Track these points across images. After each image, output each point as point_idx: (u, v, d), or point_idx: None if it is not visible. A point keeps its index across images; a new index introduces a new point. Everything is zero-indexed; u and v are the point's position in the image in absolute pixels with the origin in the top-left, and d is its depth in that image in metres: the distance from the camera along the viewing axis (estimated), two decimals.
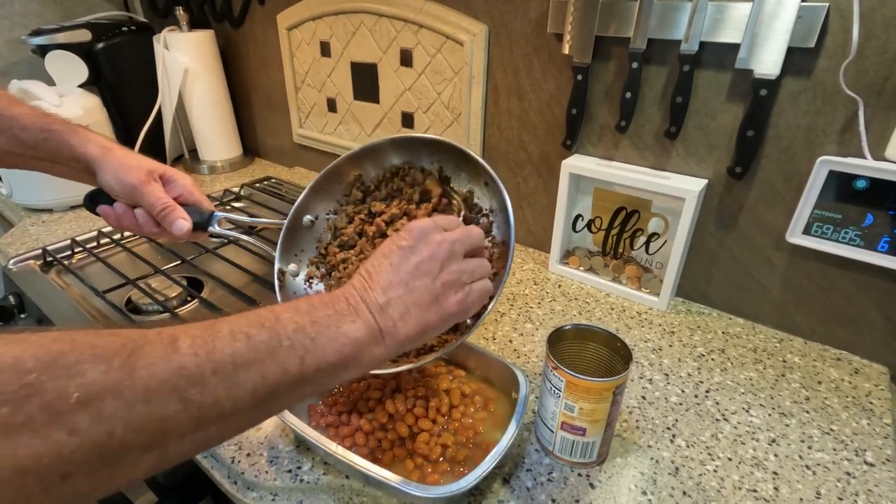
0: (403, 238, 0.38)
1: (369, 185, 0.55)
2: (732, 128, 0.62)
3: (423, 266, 0.37)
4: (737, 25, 0.56)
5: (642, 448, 0.51)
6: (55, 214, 1.00)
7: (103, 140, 0.55)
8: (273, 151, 1.30)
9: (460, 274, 0.38)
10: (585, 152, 0.75)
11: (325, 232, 0.55)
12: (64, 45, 1.06)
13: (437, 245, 0.38)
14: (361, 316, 0.34)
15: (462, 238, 0.39)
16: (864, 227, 0.55)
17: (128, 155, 0.54)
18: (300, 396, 0.32)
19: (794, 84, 0.56)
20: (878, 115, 0.53)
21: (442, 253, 0.38)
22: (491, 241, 0.50)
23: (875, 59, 0.51)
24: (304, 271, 0.54)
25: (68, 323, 0.68)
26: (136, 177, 0.52)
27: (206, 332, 0.28)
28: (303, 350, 0.31)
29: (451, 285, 0.38)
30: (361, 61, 0.95)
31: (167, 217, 0.53)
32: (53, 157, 0.54)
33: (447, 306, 0.37)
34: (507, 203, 0.47)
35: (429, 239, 0.38)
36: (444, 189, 0.52)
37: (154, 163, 0.55)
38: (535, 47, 0.73)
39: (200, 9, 1.20)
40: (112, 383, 0.24)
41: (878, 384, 0.58)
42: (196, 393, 0.26)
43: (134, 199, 0.54)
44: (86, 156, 0.53)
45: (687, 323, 0.69)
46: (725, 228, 0.67)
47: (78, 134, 0.54)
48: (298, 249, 0.54)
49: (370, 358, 0.35)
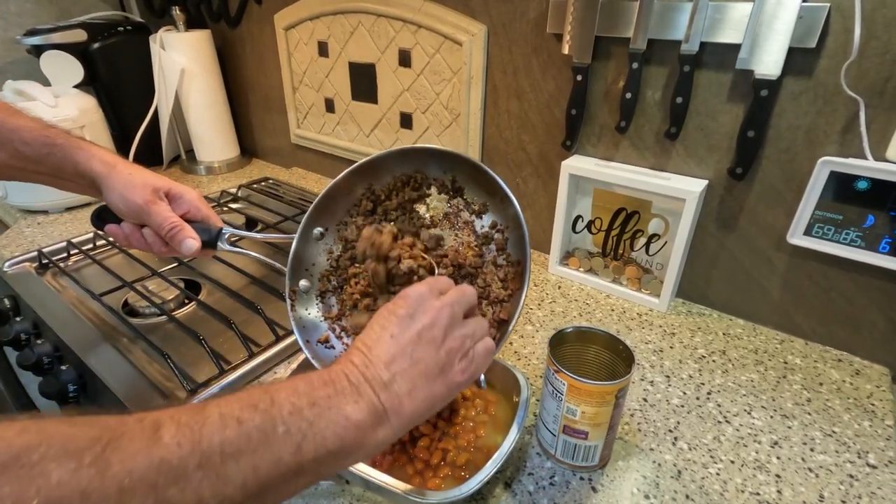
0: (400, 306, 0.36)
1: (379, 194, 0.52)
2: (733, 128, 0.61)
3: (426, 335, 0.35)
4: (737, 26, 0.56)
5: (644, 451, 0.50)
6: (51, 216, 1.00)
7: (107, 155, 0.53)
8: (270, 152, 1.29)
9: (463, 339, 0.36)
10: (585, 153, 0.75)
11: (336, 243, 0.53)
12: (59, 46, 1.06)
13: (438, 311, 0.36)
14: (364, 395, 0.32)
15: (459, 300, 0.37)
16: (865, 227, 0.55)
17: (132, 172, 0.52)
18: (294, 489, 0.29)
19: (795, 84, 0.56)
20: (879, 116, 0.53)
21: (444, 319, 0.35)
22: (506, 260, 0.48)
23: (876, 59, 0.51)
24: (317, 286, 0.52)
25: (64, 325, 0.67)
26: (141, 196, 0.51)
27: (193, 418, 0.26)
28: (300, 436, 0.28)
29: (455, 352, 0.35)
30: (359, 61, 0.95)
31: (175, 237, 0.52)
32: (57, 172, 0.53)
33: (453, 375, 0.35)
34: (521, 219, 0.45)
35: (427, 305, 0.36)
36: (460, 199, 0.50)
37: (159, 179, 0.54)
38: (535, 47, 0.73)
39: (197, 9, 1.19)
40: (80, 485, 0.21)
41: (880, 385, 0.58)
42: (176, 492, 0.24)
43: (141, 218, 0.53)
44: (90, 172, 0.52)
45: (687, 324, 0.69)
46: (726, 229, 0.67)
47: (81, 149, 0.52)
48: (309, 264, 0.52)
49: (374, 442, 0.31)
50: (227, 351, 0.62)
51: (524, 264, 0.44)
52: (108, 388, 0.57)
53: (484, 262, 0.48)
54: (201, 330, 0.62)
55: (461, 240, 0.50)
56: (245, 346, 0.61)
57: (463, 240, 0.50)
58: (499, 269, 0.48)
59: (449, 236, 0.50)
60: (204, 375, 0.58)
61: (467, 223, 0.50)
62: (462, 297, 0.38)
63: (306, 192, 1.10)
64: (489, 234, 0.49)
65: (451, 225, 0.51)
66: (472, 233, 0.50)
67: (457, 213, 0.51)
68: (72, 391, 0.63)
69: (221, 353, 0.62)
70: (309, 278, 0.52)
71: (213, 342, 0.62)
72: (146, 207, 0.51)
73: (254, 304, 0.68)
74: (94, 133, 1.02)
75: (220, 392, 0.56)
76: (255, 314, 0.67)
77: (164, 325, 0.68)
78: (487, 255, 0.49)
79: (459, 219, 0.50)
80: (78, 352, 0.62)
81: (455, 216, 0.51)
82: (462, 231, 0.50)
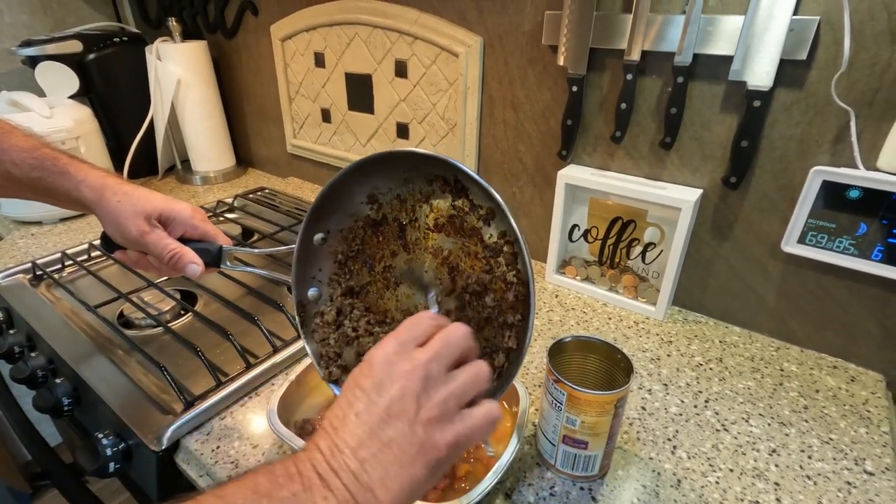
0: (366, 375, 0.31)
1: (377, 195, 0.47)
2: (727, 138, 0.62)
3: (395, 408, 0.29)
4: (729, 38, 0.57)
5: (644, 460, 0.50)
6: (45, 227, 0.99)
7: (94, 178, 0.52)
8: (266, 162, 1.29)
9: (445, 403, 0.30)
10: (581, 162, 0.76)
11: (341, 243, 0.49)
12: (55, 56, 1.06)
13: (407, 376, 0.30)
14: (334, 490, 0.27)
15: (440, 351, 0.31)
16: (857, 236, 0.56)
17: (120, 200, 0.51)
18: None
19: (786, 95, 0.57)
20: (869, 126, 0.54)
21: (414, 385, 0.30)
22: (516, 277, 0.41)
23: (865, 71, 0.52)
24: (326, 291, 0.49)
25: (58, 338, 0.66)
26: (135, 227, 0.50)
27: None
28: None
29: (436, 423, 0.30)
30: (356, 72, 0.95)
31: (177, 264, 0.51)
32: (49, 195, 0.53)
33: (436, 452, 0.29)
34: (518, 236, 0.38)
35: (396, 371, 0.30)
36: (465, 199, 0.44)
37: (148, 201, 0.51)
38: (530, 59, 0.74)
39: (193, 20, 1.20)
40: None
41: (875, 392, 0.59)
42: None
43: (139, 249, 0.53)
44: (81, 200, 0.52)
45: (684, 332, 0.69)
46: (721, 238, 0.67)
47: (69, 176, 0.51)
48: (316, 270, 0.49)
49: None
50: (224, 363, 0.62)
51: (528, 285, 0.39)
52: (103, 401, 0.57)
53: (493, 279, 0.43)
54: (198, 341, 0.62)
55: (468, 249, 0.44)
56: (242, 357, 0.60)
57: (470, 249, 0.44)
58: (509, 287, 0.42)
59: (455, 245, 0.45)
60: (201, 388, 0.57)
61: (475, 230, 0.44)
62: (444, 348, 0.32)
63: (302, 201, 1.10)
64: (498, 244, 0.43)
65: (456, 230, 0.45)
66: (480, 242, 0.43)
67: (462, 217, 0.44)
68: (66, 404, 0.62)
69: (218, 365, 0.61)
70: (317, 285, 0.49)
71: (210, 354, 0.61)
72: (141, 239, 0.51)
73: (251, 315, 0.67)
74: (90, 144, 1.02)
75: (217, 404, 0.56)
76: (252, 325, 0.66)
77: (160, 336, 0.68)
78: (497, 270, 0.43)
79: (466, 223, 0.44)
80: (72, 364, 0.62)
81: (461, 220, 0.44)
82: (469, 240, 0.44)
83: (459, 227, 0.44)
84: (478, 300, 0.43)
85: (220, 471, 0.49)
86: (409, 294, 0.47)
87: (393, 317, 0.48)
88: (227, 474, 0.49)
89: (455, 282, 0.44)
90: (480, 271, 0.43)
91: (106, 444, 0.53)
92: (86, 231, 0.97)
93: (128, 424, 0.53)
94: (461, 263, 0.44)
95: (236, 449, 0.52)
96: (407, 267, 0.47)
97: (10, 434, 1.28)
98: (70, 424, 0.70)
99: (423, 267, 0.46)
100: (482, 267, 0.43)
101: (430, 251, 0.45)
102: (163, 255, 0.51)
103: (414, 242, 0.46)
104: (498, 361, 0.41)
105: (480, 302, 0.43)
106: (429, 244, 0.46)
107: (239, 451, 0.51)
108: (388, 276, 0.48)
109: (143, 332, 0.69)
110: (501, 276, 0.42)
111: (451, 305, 0.44)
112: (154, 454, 0.51)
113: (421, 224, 0.46)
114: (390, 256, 0.48)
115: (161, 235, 0.52)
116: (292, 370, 0.55)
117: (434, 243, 0.45)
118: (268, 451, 0.51)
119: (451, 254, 0.45)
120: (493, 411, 0.32)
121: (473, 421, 0.31)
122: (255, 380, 0.59)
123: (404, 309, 0.47)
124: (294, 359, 0.63)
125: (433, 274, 0.46)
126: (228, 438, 0.53)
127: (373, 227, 0.48)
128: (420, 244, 0.46)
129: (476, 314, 0.43)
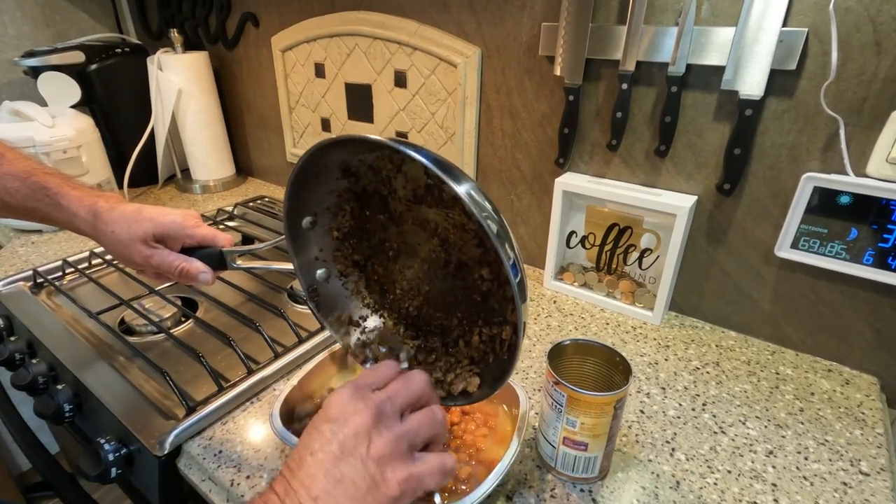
0: (321, 416, 0.31)
1: (350, 167, 0.45)
2: (720, 146, 0.64)
3: (347, 446, 0.30)
4: (721, 49, 0.59)
5: (643, 462, 0.51)
6: (45, 235, 0.99)
7: (86, 210, 0.52)
8: (266, 170, 1.30)
9: (397, 442, 0.31)
10: (578, 170, 0.77)
11: (332, 220, 0.49)
12: (57, 67, 1.07)
13: (361, 413, 0.31)
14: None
15: (396, 393, 0.32)
16: (849, 240, 0.57)
17: (115, 230, 0.51)
18: None
19: (777, 104, 0.59)
20: (858, 134, 0.55)
21: (366, 422, 0.30)
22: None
23: (853, 80, 0.54)
24: (334, 268, 0.50)
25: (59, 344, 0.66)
26: (136, 255, 0.52)
27: None
28: None
29: (387, 461, 0.30)
30: (356, 82, 0.97)
31: (187, 277, 0.53)
32: (47, 223, 0.55)
33: (388, 489, 0.30)
34: (474, 211, 0.33)
35: (350, 409, 0.31)
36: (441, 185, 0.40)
37: (140, 226, 0.51)
38: (527, 69, 0.75)
39: (195, 31, 1.21)
40: None
41: (869, 394, 0.60)
42: None
43: (150, 270, 0.54)
44: (79, 230, 0.54)
45: (681, 337, 0.70)
46: (716, 243, 0.68)
47: (62, 208, 0.52)
48: (316, 251, 0.49)
49: None
50: (225, 368, 0.62)
51: (512, 284, 0.34)
52: (105, 407, 0.57)
53: (486, 251, 0.41)
54: (200, 347, 0.62)
55: (454, 220, 0.42)
56: (244, 363, 0.61)
57: (455, 220, 0.42)
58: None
59: (440, 216, 0.43)
60: (202, 393, 0.58)
61: (456, 199, 0.40)
62: (401, 390, 0.33)
63: None
64: None
65: (436, 201, 0.42)
66: (464, 212, 0.40)
67: (439, 186, 0.41)
68: (67, 411, 0.62)
69: (220, 371, 0.62)
70: (323, 265, 0.49)
71: (212, 360, 0.61)
72: (146, 263, 0.52)
73: (252, 321, 0.68)
74: (91, 153, 1.03)
75: (219, 409, 0.56)
76: (253, 331, 0.67)
77: (161, 343, 0.68)
78: (487, 243, 0.40)
79: (444, 193, 0.41)
80: (74, 370, 0.62)
81: (438, 189, 0.41)
82: (452, 210, 0.41)
83: (439, 198, 0.42)
84: (476, 273, 0.42)
85: (222, 475, 0.49)
86: (410, 266, 0.47)
87: (401, 287, 0.48)
88: (229, 479, 0.49)
89: (450, 253, 0.44)
90: (472, 244, 0.41)
91: (108, 450, 0.53)
92: (86, 239, 0.97)
93: (130, 430, 0.54)
94: (450, 236, 0.43)
95: (238, 453, 0.52)
96: (401, 240, 0.47)
97: (3, 445, 1.27)
98: (70, 431, 0.70)
99: (416, 240, 0.46)
100: (472, 240, 0.41)
101: (418, 224, 0.45)
102: (171, 272, 0.53)
103: (400, 215, 0.45)
104: (506, 334, 0.41)
105: (479, 274, 0.42)
106: (415, 216, 0.44)
107: (241, 455, 0.52)
108: (385, 249, 0.48)
109: (144, 338, 0.69)
110: (492, 247, 0.38)
111: (447, 279, 0.44)
112: (156, 459, 0.52)
113: (401, 196, 0.44)
114: (382, 230, 0.47)
115: (164, 255, 0.52)
116: (294, 375, 0.55)
117: (420, 215, 0.44)
118: (270, 455, 0.51)
119: (438, 226, 0.44)
120: (448, 461, 0.33)
121: (426, 466, 0.32)
122: (256, 385, 0.60)
123: (410, 280, 0.48)
124: (295, 364, 0.63)
125: (427, 247, 0.45)
126: (231, 443, 0.53)
127: (357, 201, 0.47)
128: (405, 217, 0.45)
129: (476, 287, 0.43)
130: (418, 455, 0.32)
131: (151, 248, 0.52)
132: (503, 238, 0.33)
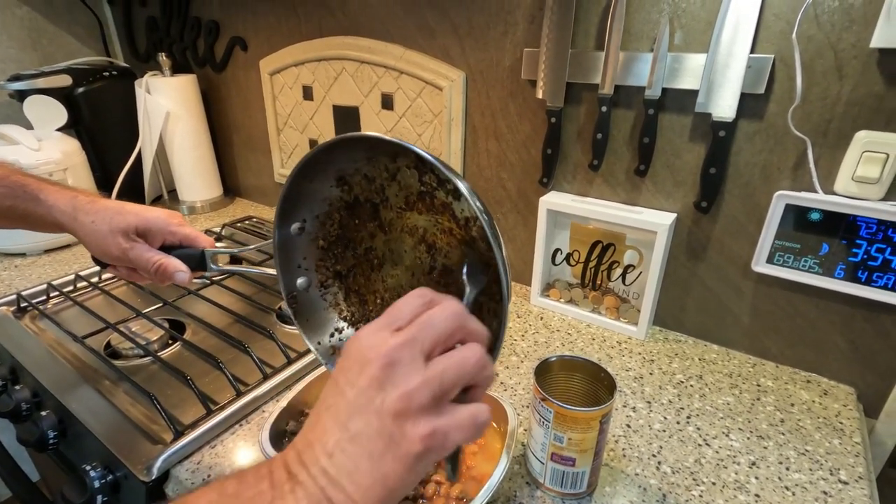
0: (339, 365, 0.29)
1: (345, 177, 0.46)
2: (696, 165, 0.66)
3: (360, 400, 0.27)
4: (694, 73, 0.61)
5: (630, 476, 0.52)
6: (28, 259, 0.98)
7: (65, 201, 0.52)
8: (254, 191, 1.31)
9: (415, 393, 0.26)
10: (561, 189, 0.79)
11: (320, 229, 0.49)
12: (44, 90, 1.07)
13: (372, 364, 0.27)
14: (304, 486, 0.26)
15: (414, 336, 0.28)
16: (821, 255, 0.60)
17: (94, 220, 0.51)
18: None
19: (748, 126, 0.61)
20: (825, 154, 0.58)
21: (378, 374, 0.27)
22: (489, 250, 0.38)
23: (818, 103, 0.57)
24: (315, 278, 0.50)
25: (43, 370, 0.65)
26: (115, 247, 0.52)
27: None
28: None
29: (406, 414, 0.26)
30: (343, 104, 0.98)
31: (164, 274, 0.53)
32: (25, 222, 0.54)
33: (409, 445, 0.26)
34: (478, 214, 0.36)
35: (364, 356, 0.27)
36: (432, 174, 0.41)
37: (123, 218, 0.52)
38: (511, 92, 0.78)
39: (183, 54, 1.22)
40: None
41: (847, 404, 0.61)
42: None
43: (125, 265, 0.54)
44: (57, 224, 0.53)
45: (665, 351, 0.72)
46: (696, 259, 0.70)
47: (40, 202, 0.52)
48: (300, 259, 0.49)
49: None
50: (214, 391, 0.62)
51: (500, 279, 0.35)
52: (91, 433, 0.56)
53: (473, 252, 0.41)
54: (187, 370, 0.62)
55: (442, 226, 0.43)
56: (233, 385, 0.61)
57: (444, 226, 0.43)
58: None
59: (429, 222, 0.44)
60: (191, 417, 0.57)
61: (446, 205, 0.41)
62: (422, 331, 0.28)
63: None
64: (470, 220, 0.41)
65: (427, 207, 0.43)
66: (453, 217, 0.41)
67: (431, 193, 0.42)
68: (52, 437, 0.61)
69: (208, 394, 0.61)
70: (304, 274, 0.50)
71: (200, 382, 0.61)
72: (124, 256, 0.52)
73: (241, 342, 0.68)
74: (77, 175, 1.03)
75: (207, 432, 0.56)
76: (241, 353, 0.67)
77: (148, 366, 0.68)
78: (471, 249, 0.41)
79: (436, 199, 0.42)
80: (58, 396, 0.61)
81: (430, 196, 0.42)
82: (442, 216, 0.42)
83: (430, 204, 0.42)
84: (460, 277, 0.41)
85: None
86: (394, 275, 0.48)
87: (382, 297, 0.49)
88: None
89: (435, 259, 0.45)
90: (459, 248, 0.42)
91: (94, 477, 0.53)
92: (71, 262, 0.97)
93: (116, 455, 0.53)
94: (438, 241, 0.44)
95: None
96: (387, 248, 0.47)
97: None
98: (54, 459, 0.69)
99: (402, 247, 0.46)
100: (459, 244, 0.42)
101: (406, 231, 0.45)
102: (148, 268, 0.52)
103: (389, 223, 0.46)
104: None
105: (462, 278, 0.41)
106: (404, 223, 0.45)
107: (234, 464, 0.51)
108: (371, 257, 0.49)
109: (130, 361, 0.69)
110: (484, 237, 0.38)
111: (432, 285, 0.45)
112: (144, 485, 0.51)
113: (392, 203, 0.45)
114: (369, 238, 0.48)
115: (143, 249, 0.52)
116: (283, 397, 0.55)
117: (409, 222, 0.45)
118: None
119: (426, 232, 0.44)
120: (481, 414, 0.28)
121: (454, 419, 0.27)
122: (245, 407, 0.60)
123: (391, 289, 0.48)
124: (284, 385, 0.63)
125: (413, 254, 0.46)
126: (220, 467, 0.53)
127: (348, 210, 0.47)
128: (395, 224, 0.46)
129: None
130: (448, 406, 0.28)
131: (131, 241, 0.52)
132: (496, 233, 0.35)
